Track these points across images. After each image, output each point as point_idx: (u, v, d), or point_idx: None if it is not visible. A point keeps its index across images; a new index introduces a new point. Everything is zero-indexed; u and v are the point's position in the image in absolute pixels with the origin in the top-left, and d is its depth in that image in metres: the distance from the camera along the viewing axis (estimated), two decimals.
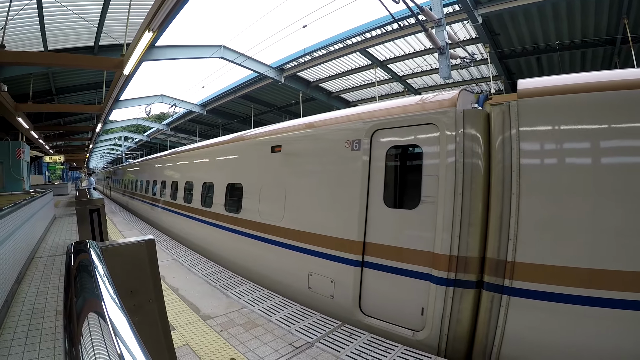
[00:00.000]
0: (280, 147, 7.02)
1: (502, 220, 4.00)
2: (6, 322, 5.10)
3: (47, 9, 11.06)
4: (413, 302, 4.52)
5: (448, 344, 4.26)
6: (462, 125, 4.33)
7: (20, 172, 19.79)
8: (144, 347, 0.95)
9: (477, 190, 4.22)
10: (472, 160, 4.27)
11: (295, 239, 6.24)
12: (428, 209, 4.49)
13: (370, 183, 5.14)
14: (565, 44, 15.51)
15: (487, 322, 4.03)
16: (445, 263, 4.24)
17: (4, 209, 6.82)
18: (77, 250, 1.91)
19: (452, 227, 4.25)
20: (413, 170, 4.83)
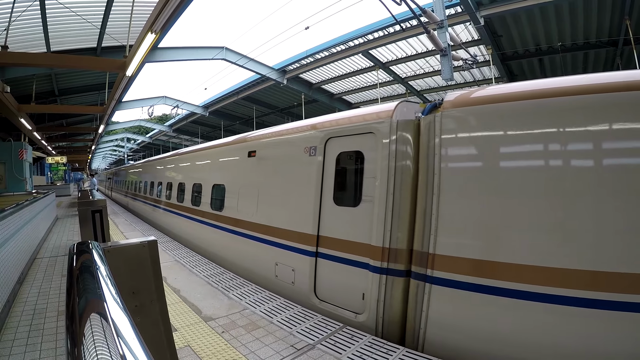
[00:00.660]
0: (255, 152, 7.95)
1: (425, 217, 4.54)
2: (8, 322, 5.10)
3: (49, 10, 11.08)
4: (356, 288, 5.14)
5: (384, 326, 4.80)
6: (396, 134, 4.96)
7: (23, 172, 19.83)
8: (146, 347, 0.95)
9: (406, 190, 4.82)
10: (403, 164, 4.88)
11: (266, 233, 7.05)
12: (367, 207, 5.14)
13: (323, 184, 5.89)
14: (567, 45, 15.50)
15: (414, 308, 4.54)
16: (379, 254, 4.85)
17: (7, 210, 6.83)
18: (80, 250, 1.92)
19: (384, 223, 4.85)
20: (357, 173, 5.51)
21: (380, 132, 5.11)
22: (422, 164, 4.72)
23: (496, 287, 3.88)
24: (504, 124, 4.16)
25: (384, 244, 4.83)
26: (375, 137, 5.19)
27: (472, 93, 4.69)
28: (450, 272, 4.20)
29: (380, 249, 4.85)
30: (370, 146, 5.26)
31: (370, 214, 5.05)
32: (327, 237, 5.69)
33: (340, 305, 5.36)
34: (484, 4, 13.35)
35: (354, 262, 5.21)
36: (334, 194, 5.71)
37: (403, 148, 4.91)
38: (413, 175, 4.82)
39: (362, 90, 24.46)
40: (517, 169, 4.09)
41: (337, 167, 5.78)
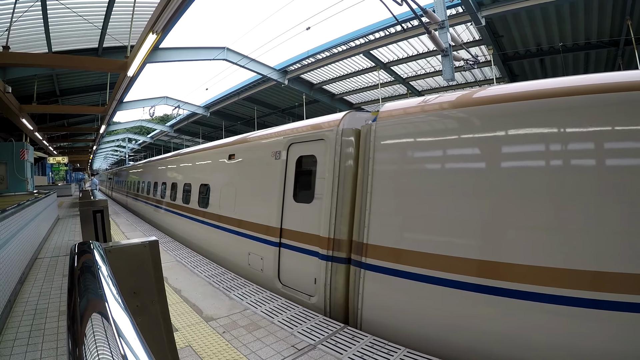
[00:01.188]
0: (234, 155, 8.96)
1: (361, 212, 5.23)
2: (9, 322, 5.11)
3: (51, 10, 11.09)
4: (309, 274, 5.86)
5: (331, 307, 5.48)
6: (340, 140, 5.76)
7: (24, 172, 19.84)
8: (148, 348, 0.95)
9: (348, 189, 5.59)
10: (345, 166, 5.67)
11: (241, 226, 7.94)
12: (318, 203, 5.92)
13: (285, 183, 6.74)
14: (568, 45, 15.50)
15: (353, 290, 5.19)
16: (326, 244, 5.59)
17: (8, 210, 6.85)
18: (81, 251, 1.92)
19: (329, 217, 5.61)
20: (311, 174, 6.27)
21: (329, 138, 5.91)
22: (360, 167, 5.47)
23: (408, 272, 4.55)
24: (416, 133, 4.96)
25: (329, 235, 5.59)
26: (325, 143, 6.00)
27: (401, 105, 5.46)
28: (378, 259, 4.89)
29: (327, 240, 5.61)
30: (321, 151, 6.08)
31: (320, 209, 5.83)
32: (288, 229, 6.53)
33: (298, 289, 6.14)
34: (485, 4, 13.34)
35: (308, 251, 5.97)
36: (293, 192, 6.57)
37: (346, 153, 5.73)
38: (354, 176, 5.59)
39: (364, 91, 24.46)
40: (425, 172, 4.83)
41: (297, 169, 6.64)
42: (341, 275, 5.44)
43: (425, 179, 4.76)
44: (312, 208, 6.06)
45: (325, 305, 5.54)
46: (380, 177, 5.11)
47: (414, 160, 4.93)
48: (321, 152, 6.08)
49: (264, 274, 6.94)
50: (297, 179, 6.62)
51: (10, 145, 19.84)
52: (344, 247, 5.48)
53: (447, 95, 5.06)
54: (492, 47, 15.61)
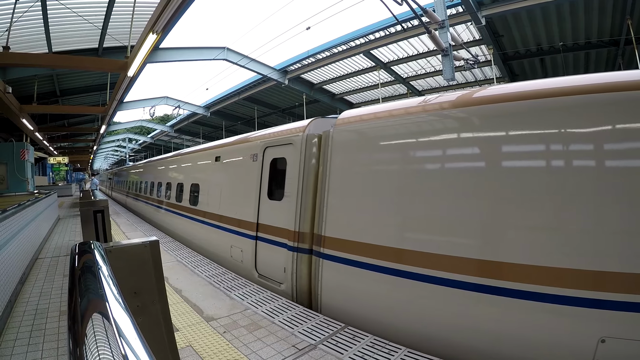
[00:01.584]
0: (219, 157, 9.76)
1: (320, 208, 5.90)
2: (9, 322, 5.12)
3: (51, 11, 11.09)
4: (280, 264, 6.53)
5: (297, 293, 6.17)
6: (305, 144, 6.45)
7: (25, 173, 19.84)
8: (148, 348, 0.95)
9: (311, 188, 6.25)
10: (309, 168, 6.33)
11: (225, 222, 8.69)
12: (287, 200, 6.61)
13: (261, 183, 7.46)
14: (569, 45, 15.49)
15: (315, 278, 5.84)
16: (292, 236, 6.29)
17: (8, 210, 6.86)
18: (82, 251, 1.92)
19: (295, 212, 6.30)
20: (282, 174, 6.93)
21: (296, 143, 6.64)
22: (320, 168, 6.19)
23: (355, 260, 5.21)
24: (366, 138, 5.72)
25: (295, 229, 6.29)
26: (294, 147, 6.71)
27: (357, 112, 6.17)
28: (333, 249, 5.55)
29: (293, 233, 6.31)
30: (290, 154, 6.79)
31: (289, 205, 6.52)
32: (263, 224, 7.27)
33: (271, 277, 6.86)
34: (485, 4, 13.34)
35: (279, 243, 6.64)
36: (268, 191, 7.31)
37: (310, 155, 6.41)
38: (316, 176, 6.26)
39: (364, 91, 24.45)
40: (369, 173, 5.49)
41: (271, 170, 7.39)
42: (305, 264, 6.13)
43: (369, 179, 5.44)
44: (282, 205, 6.76)
45: (292, 292, 6.26)
46: (335, 177, 5.81)
47: (361, 162, 5.66)
48: (290, 154, 6.81)
49: (244, 265, 7.70)
50: (271, 178, 7.38)
51: (11, 146, 19.84)
52: (307, 239, 6.17)
53: (396, 103, 5.78)
54: (492, 46, 15.60)
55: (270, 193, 7.29)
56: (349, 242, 5.37)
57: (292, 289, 6.25)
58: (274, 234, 6.90)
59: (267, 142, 7.67)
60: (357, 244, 5.26)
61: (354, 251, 5.25)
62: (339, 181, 5.76)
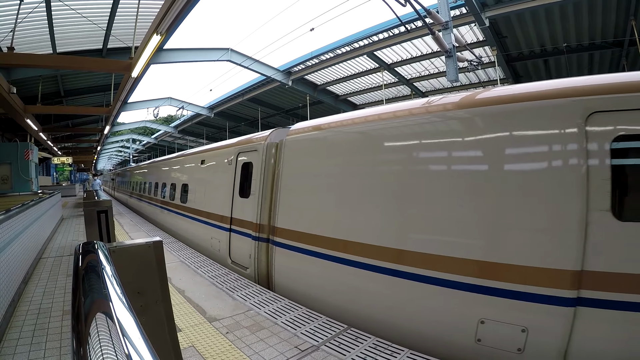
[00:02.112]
0: (204, 161, 11.20)
1: (274, 204, 7.14)
2: (12, 321, 5.13)
3: (55, 11, 11.15)
4: (247, 251, 7.73)
5: (258, 276, 7.37)
6: (265, 151, 7.74)
7: (29, 173, 19.90)
8: (152, 347, 0.95)
9: (268, 187, 7.45)
10: (267, 171, 7.59)
11: (207, 217, 10.04)
12: (253, 198, 7.84)
13: (234, 183, 8.73)
14: (572, 46, 15.43)
15: (271, 263, 6.99)
16: (255, 227, 7.53)
17: (12, 210, 6.87)
18: (85, 250, 1.92)
19: (257, 207, 7.59)
20: (249, 176, 8.21)
21: (259, 149, 7.94)
22: (275, 172, 7.35)
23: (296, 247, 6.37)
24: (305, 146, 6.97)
25: (257, 221, 7.52)
26: (257, 153, 8.00)
27: (305, 124, 7.39)
28: (282, 238, 6.78)
29: (255, 225, 7.54)
30: (255, 159, 8.06)
31: (253, 202, 7.77)
32: (235, 218, 8.48)
33: (240, 263, 8.04)
34: (488, 5, 13.33)
35: (246, 234, 7.84)
36: (239, 190, 8.53)
37: (269, 160, 7.64)
38: (272, 178, 7.42)
39: (367, 92, 24.45)
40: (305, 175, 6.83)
41: (242, 172, 8.61)
42: (263, 251, 7.27)
43: (306, 180, 6.76)
44: (249, 201, 7.97)
45: (255, 275, 7.44)
46: (283, 178, 7.06)
47: (301, 166, 6.95)
48: (255, 159, 8.06)
49: (221, 254, 8.97)
50: (242, 179, 8.57)
51: (15, 146, 19.91)
52: (266, 230, 7.30)
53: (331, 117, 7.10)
54: (495, 47, 15.57)
55: (240, 191, 8.49)
56: (292, 231, 6.56)
57: (255, 272, 7.45)
58: (242, 226, 8.10)
59: (239, 148, 9.01)
60: (298, 234, 6.41)
61: (297, 239, 6.42)
62: (286, 181, 7.02)
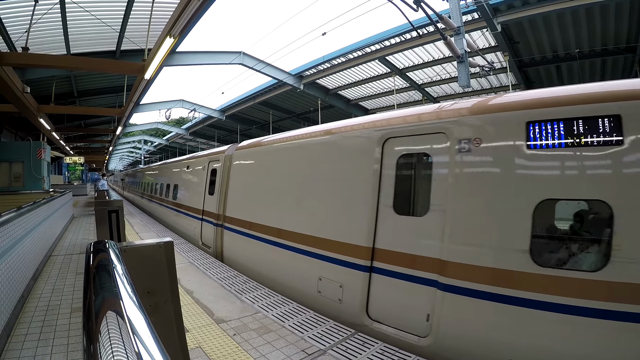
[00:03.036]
0: (188, 166, 14.14)
1: (225, 198, 9.79)
2: (21, 317, 5.18)
3: (70, 13, 11.25)
4: (211, 235, 10.38)
5: (216, 252, 9.92)
6: (224, 161, 10.39)
7: (41, 171, 20.06)
8: (162, 346, 0.96)
9: (225, 186, 10.01)
10: (225, 175, 10.12)
11: (188, 210, 12.93)
12: (216, 195, 10.44)
13: (206, 184, 11.40)
14: (585, 52, 15.28)
15: (222, 242, 9.65)
16: (216, 217, 10.13)
17: (24, 207, 6.94)
18: (97, 249, 1.94)
19: (217, 202, 10.17)
20: (215, 179, 10.77)
21: (220, 159, 10.72)
22: (229, 175, 10.03)
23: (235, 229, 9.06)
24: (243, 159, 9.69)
25: (217, 212, 10.16)
26: (219, 162, 10.76)
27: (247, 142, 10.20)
28: (228, 223, 9.52)
29: (216, 215, 10.19)
30: (218, 166, 10.78)
31: (216, 198, 10.43)
32: (205, 210, 11.15)
33: (206, 244, 10.76)
34: (500, 10, 13.27)
35: (212, 222, 10.43)
36: (209, 190, 11.21)
37: (226, 168, 10.24)
38: (226, 180, 10.08)
39: (379, 97, 24.38)
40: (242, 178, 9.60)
41: (211, 176, 11.24)
42: (219, 234, 9.92)
43: (242, 182, 9.59)
44: (214, 197, 10.62)
45: (215, 252, 10.06)
46: (230, 180, 9.95)
47: (238, 172, 9.78)
48: (218, 167, 10.80)
49: (195, 238, 11.67)
50: (211, 182, 11.17)
51: (28, 144, 20.10)
52: (221, 218, 9.93)
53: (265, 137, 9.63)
54: (507, 53, 15.49)
55: (209, 191, 11.11)
56: (233, 218, 9.30)
57: (215, 250, 10.06)
58: (209, 216, 10.69)
59: (210, 158, 11.86)
60: (234, 219, 9.23)
61: (236, 224, 9.10)
62: (231, 182, 9.88)
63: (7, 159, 19.06)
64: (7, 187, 18.64)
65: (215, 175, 10.70)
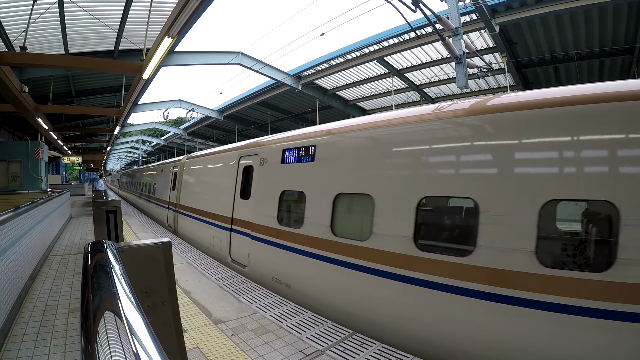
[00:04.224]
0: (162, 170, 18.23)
1: (179, 193, 14.00)
2: (18, 317, 5.17)
3: (68, 13, 11.26)
4: (172, 218, 14.50)
5: (174, 230, 13.86)
6: (180, 166, 14.54)
7: (38, 171, 20.05)
8: (160, 346, 0.95)
9: (180, 185, 14.13)
10: (179, 177, 14.41)
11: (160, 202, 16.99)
12: (176, 190, 14.39)
13: (170, 183, 15.47)
14: (583, 53, 15.32)
15: (178, 222, 13.77)
16: (175, 205, 14.30)
17: (21, 207, 6.92)
18: (94, 249, 1.93)
19: (176, 195, 14.32)
20: (176, 180, 14.68)
21: (179, 165, 14.65)
22: (183, 177, 14.02)
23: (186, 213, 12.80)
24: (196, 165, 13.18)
25: (175, 201, 14.19)
26: (178, 167, 14.67)
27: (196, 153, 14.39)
28: (181, 209, 13.41)
29: (175, 204, 14.23)
30: (178, 170, 14.63)
31: (176, 192, 14.20)
32: (170, 201, 15.08)
33: (171, 225, 14.38)
34: (499, 12, 13.30)
35: (171, 209, 14.69)
36: (172, 186, 15.06)
37: (181, 171, 14.23)
38: (180, 181, 14.07)
39: (377, 97, 24.43)
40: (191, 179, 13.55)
41: (173, 177, 15.25)
42: (175, 217, 13.91)
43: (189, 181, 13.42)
44: (175, 192, 14.53)
45: (174, 230, 13.72)
46: (183, 180, 13.75)
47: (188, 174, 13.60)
48: (178, 170, 14.69)
49: (164, 222, 15.68)
50: (173, 182, 15.08)
51: (25, 144, 20.09)
52: (176, 205, 13.96)
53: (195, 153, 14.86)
54: (506, 54, 15.52)
55: (172, 187, 15.14)
56: (183, 205, 13.08)
57: (174, 229, 13.84)
58: (172, 205, 14.74)
59: (173, 164, 15.88)
60: (185, 207, 12.83)
61: (185, 209, 12.85)
62: (184, 181, 13.75)
63: (5, 158, 19.08)
64: (5, 186, 18.66)
65: (176, 176, 15.04)
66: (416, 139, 5.08)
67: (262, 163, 8.22)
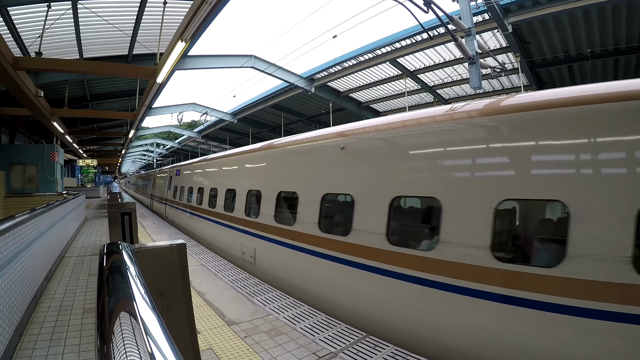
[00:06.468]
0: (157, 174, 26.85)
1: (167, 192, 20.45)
2: (34, 317, 5.24)
3: (82, 18, 11.38)
4: (162, 208, 21.03)
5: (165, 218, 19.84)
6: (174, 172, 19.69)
7: (54, 174, 20.35)
8: (175, 347, 0.96)
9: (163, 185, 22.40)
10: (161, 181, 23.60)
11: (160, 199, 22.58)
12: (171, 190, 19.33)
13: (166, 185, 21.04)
14: (597, 51, 15.08)
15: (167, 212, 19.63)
16: (165, 200, 20.49)
17: (38, 209, 7.01)
18: (110, 251, 1.95)
19: (165, 191, 21.03)
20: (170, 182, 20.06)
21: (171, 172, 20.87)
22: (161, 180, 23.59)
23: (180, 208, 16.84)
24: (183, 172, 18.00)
25: (166, 197, 20.18)
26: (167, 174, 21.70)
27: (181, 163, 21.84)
28: (171, 204, 18.67)
29: (166, 199, 20.16)
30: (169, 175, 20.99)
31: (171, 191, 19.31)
32: (166, 198, 20.32)
33: (158, 213, 22.08)
34: (511, 11, 13.16)
35: (167, 205, 19.86)
36: (168, 186, 20.26)
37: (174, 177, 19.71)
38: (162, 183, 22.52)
39: (390, 99, 24.29)
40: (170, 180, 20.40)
41: (169, 180, 20.54)
42: (163, 207, 20.68)
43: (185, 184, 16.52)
44: (169, 192, 19.30)
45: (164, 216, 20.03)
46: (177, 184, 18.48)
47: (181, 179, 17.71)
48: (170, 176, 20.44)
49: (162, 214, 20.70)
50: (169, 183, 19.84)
51: (42, 147, 20.40)
52: (162, 199, 21.32)
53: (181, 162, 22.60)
54: (519, 54, 15.37)
55: (167, 187, 19.69)
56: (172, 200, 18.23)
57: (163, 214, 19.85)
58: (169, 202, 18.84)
59: (179, 168, 18.26)
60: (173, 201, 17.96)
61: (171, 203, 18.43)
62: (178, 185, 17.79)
63: (21, 161, 19.41)
64: (21, 189, 18.97)
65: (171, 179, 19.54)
66: None
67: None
